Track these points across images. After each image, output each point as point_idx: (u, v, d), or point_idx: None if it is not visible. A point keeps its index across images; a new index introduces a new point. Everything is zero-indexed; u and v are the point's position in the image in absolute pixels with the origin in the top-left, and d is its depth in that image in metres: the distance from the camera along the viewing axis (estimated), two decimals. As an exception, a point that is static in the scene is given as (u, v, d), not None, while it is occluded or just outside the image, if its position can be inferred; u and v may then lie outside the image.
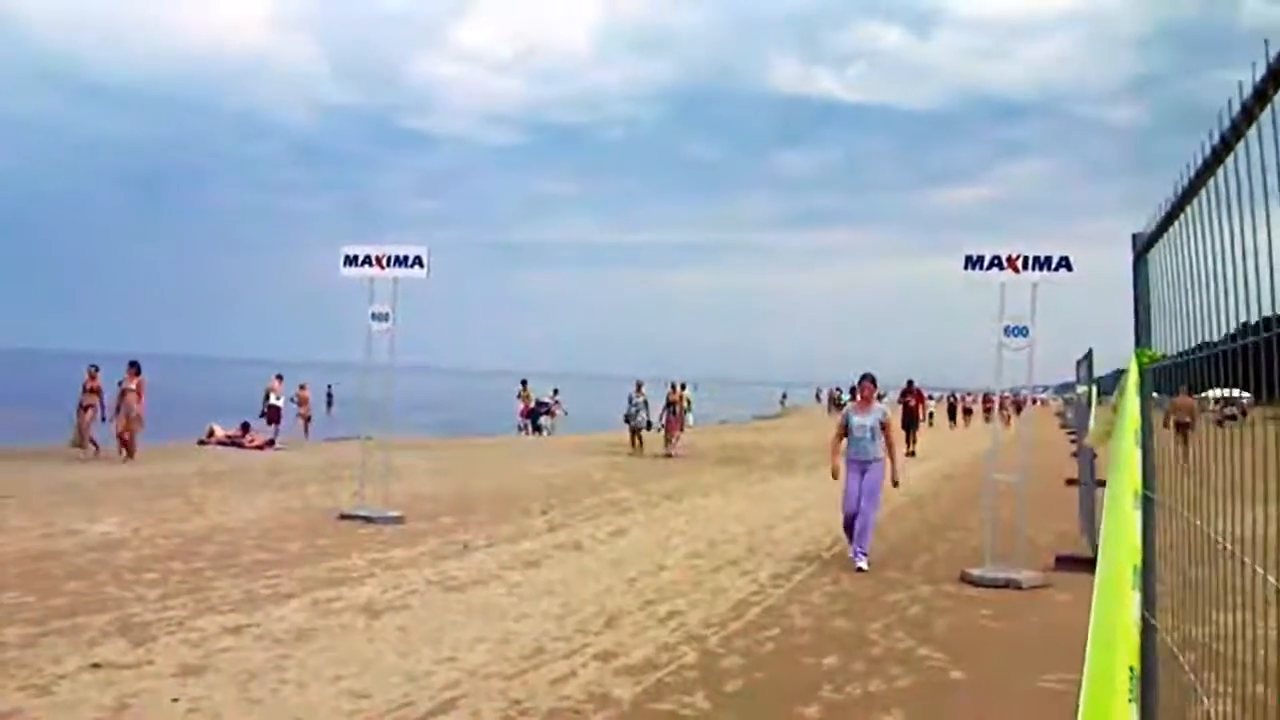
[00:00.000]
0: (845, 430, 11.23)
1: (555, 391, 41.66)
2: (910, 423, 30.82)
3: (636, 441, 28.35)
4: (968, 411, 58.69)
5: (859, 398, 11.50)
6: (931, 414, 51.46)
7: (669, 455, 26.80)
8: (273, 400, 29.38)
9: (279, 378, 30.35)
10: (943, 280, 11.87)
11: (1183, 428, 10.00)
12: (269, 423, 28.87)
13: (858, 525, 11.01)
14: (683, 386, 36.56)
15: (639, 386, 29.16)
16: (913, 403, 31.91)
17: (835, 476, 11.58)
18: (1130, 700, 2.70)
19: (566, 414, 40.09)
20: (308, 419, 32.36)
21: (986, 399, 58.43)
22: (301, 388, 32.23)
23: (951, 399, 60.68)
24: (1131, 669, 2.73)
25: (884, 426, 11.14)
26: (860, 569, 10.74)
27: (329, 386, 49.65)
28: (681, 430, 29.13)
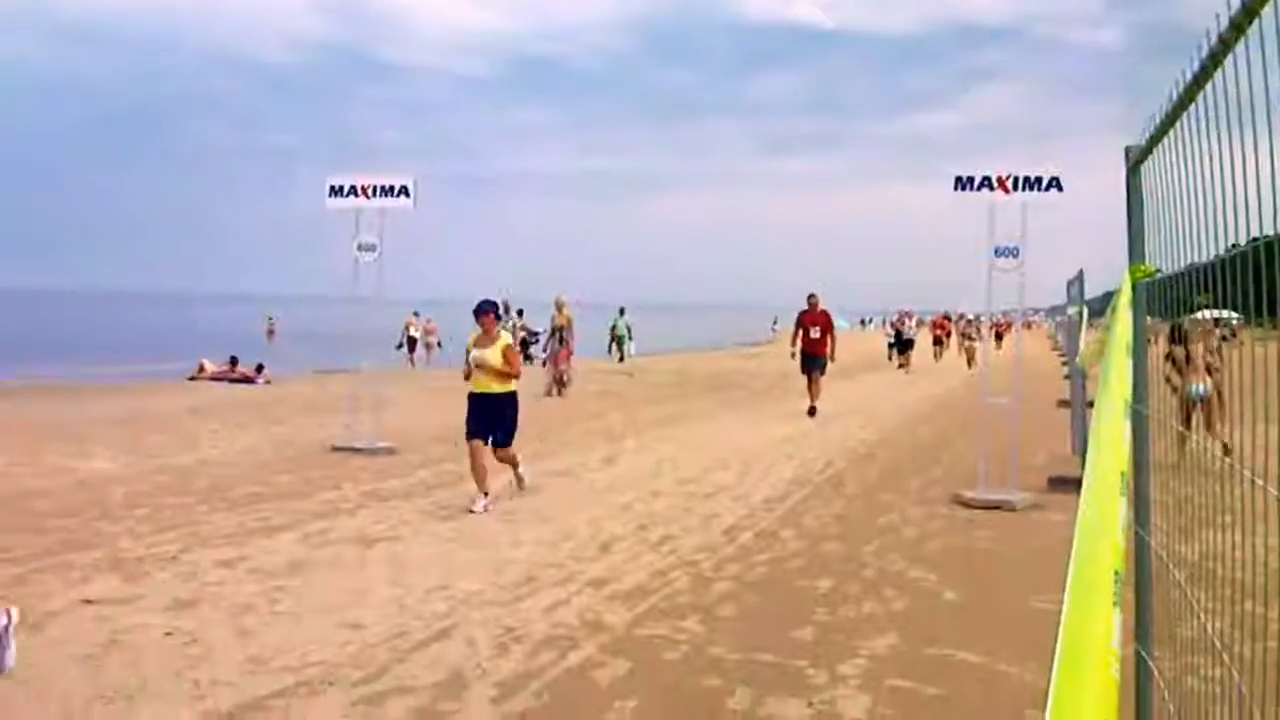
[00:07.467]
0: None
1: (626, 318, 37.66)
2: (811, 363, 19.01)
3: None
4: (909, 343, 36.66)
5: None
6: (896, 343, 37.40)
7: (551, 394, 22.20)
8: (411, 333, 34.90)
9: (415, 314, 35.52)
10: (924, 203, 11.69)
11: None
12: (409, 351, 34.10)
13: None
14: (620, 312, 36.12)
15: (519, 313, 28.00)
16: (817, 333, 19.03)
17: None
18: (1114, 604, 2.64)
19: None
20: (437, 346, 36.89)
21: (943, 321, 44.11)
22: (428, 320, 37.15)
23: (898, 323, 38.95)
24: (1117, 573, 2.66)
25: None
26: None
27: (269, 319, 55.64)
28: (568, 363, 23.39)
